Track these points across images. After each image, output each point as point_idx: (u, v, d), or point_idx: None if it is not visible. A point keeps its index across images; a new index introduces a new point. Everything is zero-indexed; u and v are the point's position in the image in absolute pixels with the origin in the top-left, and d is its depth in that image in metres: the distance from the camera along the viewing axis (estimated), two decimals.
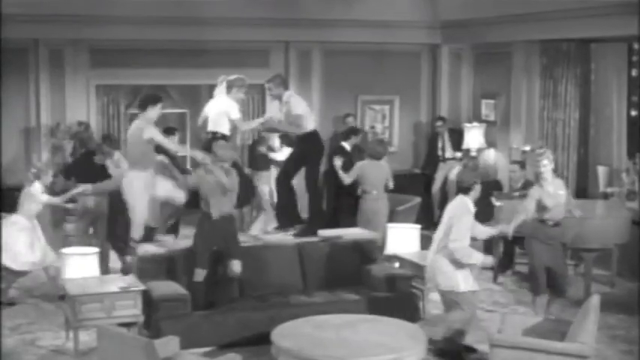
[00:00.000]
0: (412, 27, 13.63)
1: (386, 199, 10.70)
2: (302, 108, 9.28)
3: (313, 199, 9.55)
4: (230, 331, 7.92)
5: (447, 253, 7.61)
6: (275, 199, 10.69)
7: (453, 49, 14.01)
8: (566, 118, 11.98)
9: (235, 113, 9.21)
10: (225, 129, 9.20)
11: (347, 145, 11.69)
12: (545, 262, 8.52)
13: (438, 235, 7.80)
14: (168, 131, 11.91)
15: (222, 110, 9.21)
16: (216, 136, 9.02)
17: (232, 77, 9.32)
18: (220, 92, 9.34)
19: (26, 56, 12.23)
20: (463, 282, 7.62)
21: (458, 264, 7.59)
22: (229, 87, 9.28)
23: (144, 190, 8.70)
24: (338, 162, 10.59)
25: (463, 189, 7.80)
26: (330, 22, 12.98)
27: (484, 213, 9.06)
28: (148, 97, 8.92)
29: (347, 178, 10.54)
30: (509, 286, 10.37)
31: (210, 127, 9.24)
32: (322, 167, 10.23)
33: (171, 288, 8.15)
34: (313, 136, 9.30)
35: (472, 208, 7.72)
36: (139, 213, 8.73)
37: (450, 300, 7.70)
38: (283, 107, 9.28)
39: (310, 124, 9.27)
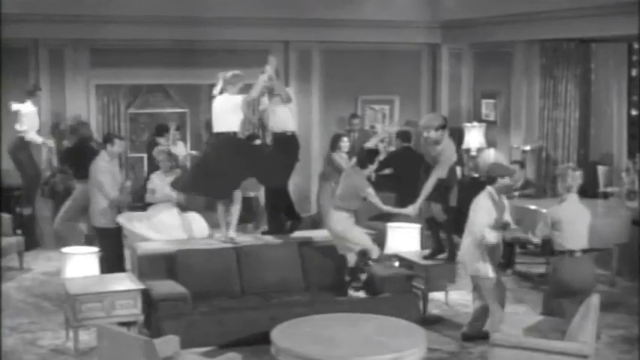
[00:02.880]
0: (412, 27, 13.63)
1: None
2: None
3: (280, 201, 9.59)
4: (230, 331, 7.91)
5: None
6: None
7: (453, 49, 14.00)
8: (566, 118, 11.98)
9: (239, 101, 8.97)
10: (234, 126, 8.97)
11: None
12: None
13: None
14: (159, 131, 11.87)
15: (227, 108, 8.95)
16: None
17: (229, 74, 9.02)
18: (218, 91, 9.09)
19: (26, 56, 12.24)
20: (483, 269, 7.90)
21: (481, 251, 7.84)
22: (226, 85, 8.97)
23: None
24: None
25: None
26: (330, 22, 12.98)
27: None
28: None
29: None
30: (509, 285, 10.31)
31: (218, 128, 8.99)
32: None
33: (171, 288, 8.15)
34: (292, 138, 9.29)
35: (484, 202, 7.84)
36: None
37: (476, 284, 8.06)
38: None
39: (292, 125, 9.28)
